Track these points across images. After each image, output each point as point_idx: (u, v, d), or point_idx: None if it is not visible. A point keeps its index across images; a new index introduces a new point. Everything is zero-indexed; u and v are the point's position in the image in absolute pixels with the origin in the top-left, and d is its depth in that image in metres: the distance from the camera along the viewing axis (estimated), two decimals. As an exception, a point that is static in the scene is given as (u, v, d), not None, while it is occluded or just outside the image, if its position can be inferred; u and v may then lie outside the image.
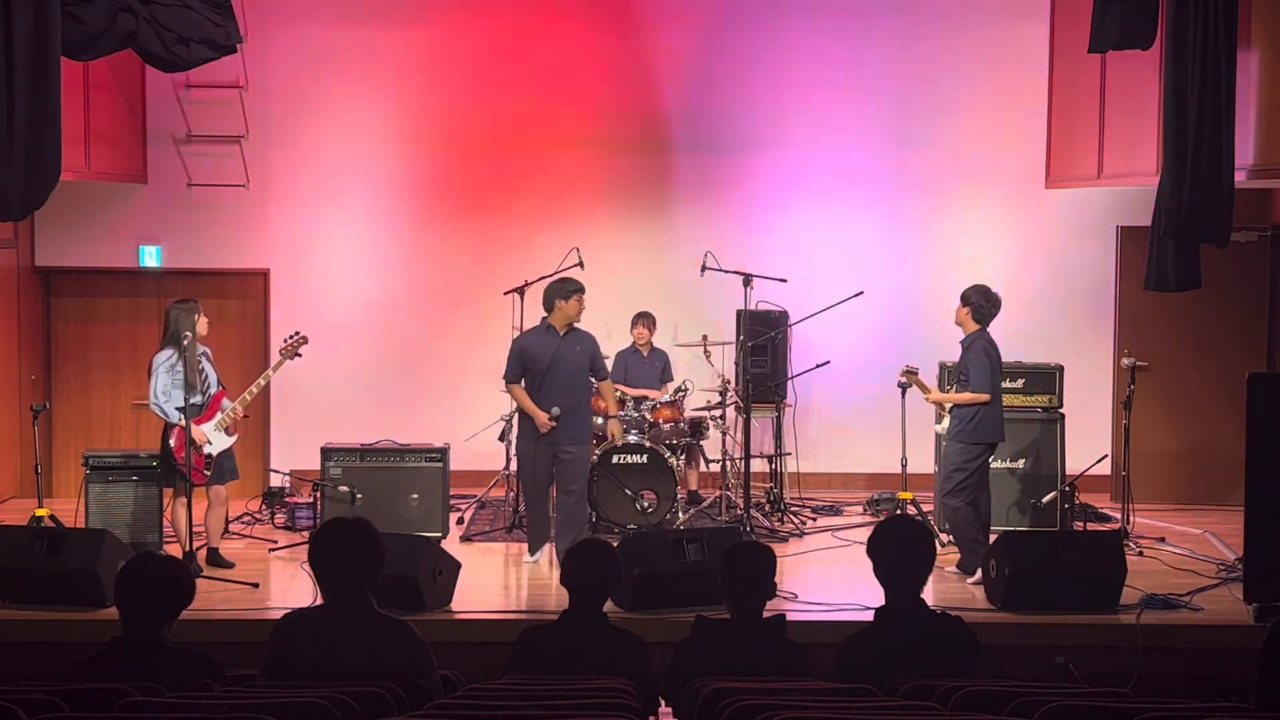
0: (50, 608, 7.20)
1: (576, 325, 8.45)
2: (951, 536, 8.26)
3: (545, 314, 8.44)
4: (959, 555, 8.14)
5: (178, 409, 8.04)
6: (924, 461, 9.24)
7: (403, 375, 10.95)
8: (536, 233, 10.71)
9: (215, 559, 8.25)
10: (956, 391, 8.21)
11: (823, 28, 10.94)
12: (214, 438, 8.23)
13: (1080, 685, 6.15)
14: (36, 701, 3.92)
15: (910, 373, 8.58)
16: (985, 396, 8.00)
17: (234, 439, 8.39)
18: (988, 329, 8.16)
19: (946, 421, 8.24)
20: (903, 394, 8.84)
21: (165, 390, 8.07)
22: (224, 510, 8.48)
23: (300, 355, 8.61)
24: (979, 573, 7.90)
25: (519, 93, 10.87)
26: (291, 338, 8.60)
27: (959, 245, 10.95)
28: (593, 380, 8.56)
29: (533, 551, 8.51)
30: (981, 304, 8.13)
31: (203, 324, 8.24)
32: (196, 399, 8.12)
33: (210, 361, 8.38)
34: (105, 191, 10.70)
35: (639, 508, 8.99)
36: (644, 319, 10.25)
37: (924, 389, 8.52)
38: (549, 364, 8.28)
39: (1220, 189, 8.37)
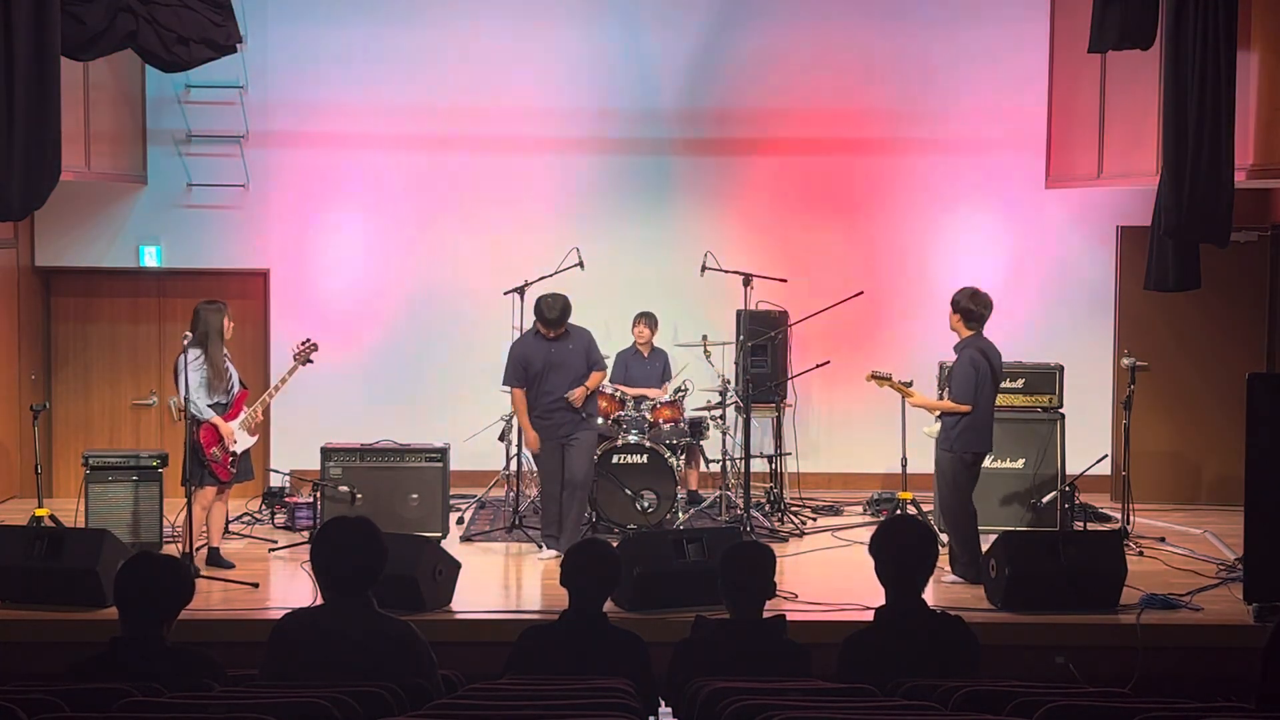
0: (50, 608, 7.20)
1: (570, 322, 8.55)
2: (951, 540, 8.23)
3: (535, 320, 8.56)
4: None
5: (208, 405, 8.14)
6: (924, 461, 9.21)
7: (403, 375, 10.95)
8: (536, 233, 10.71)
9: (215, 559, 8.26)
10: (948, 398, 8.12)
11: (823, 28, 10.93)
12: (238, 436, 8.27)
13: (1080, 685, 6.15)
14: (36, 701, 3.92)
15: (881, 378, 8.39)
16: (966, 407, 7.84)
17: (254, 439, 8.46)
18: (984, 333, 8.00)
19: (936, 425, 8.16)
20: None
21: (195, 388, 8.08)
22: (225, 509, 8.51)
23: (312, 361, 8.67)
24: (957, 578, 7.92)
25: (519, 92, 10.87)
26: (304, 344, 8.65)
27: (959, 245, 10.95)
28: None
29: (548, 545, 8.51)
30: (970, 307, 7.94)
31: (229, 327, 8.32)
32: (221, 398, 8.24)
33: (230, 362, 8.41)
34: (105, 191, 10.71)
35: (639, 508, 8.99)
36: (645, 319, 10.24)
37: (906, 393, 8.38)
38: (544, 366, 8.45)
39: (1220, 189, 8.37)
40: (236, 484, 8.47)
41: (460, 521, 9.58)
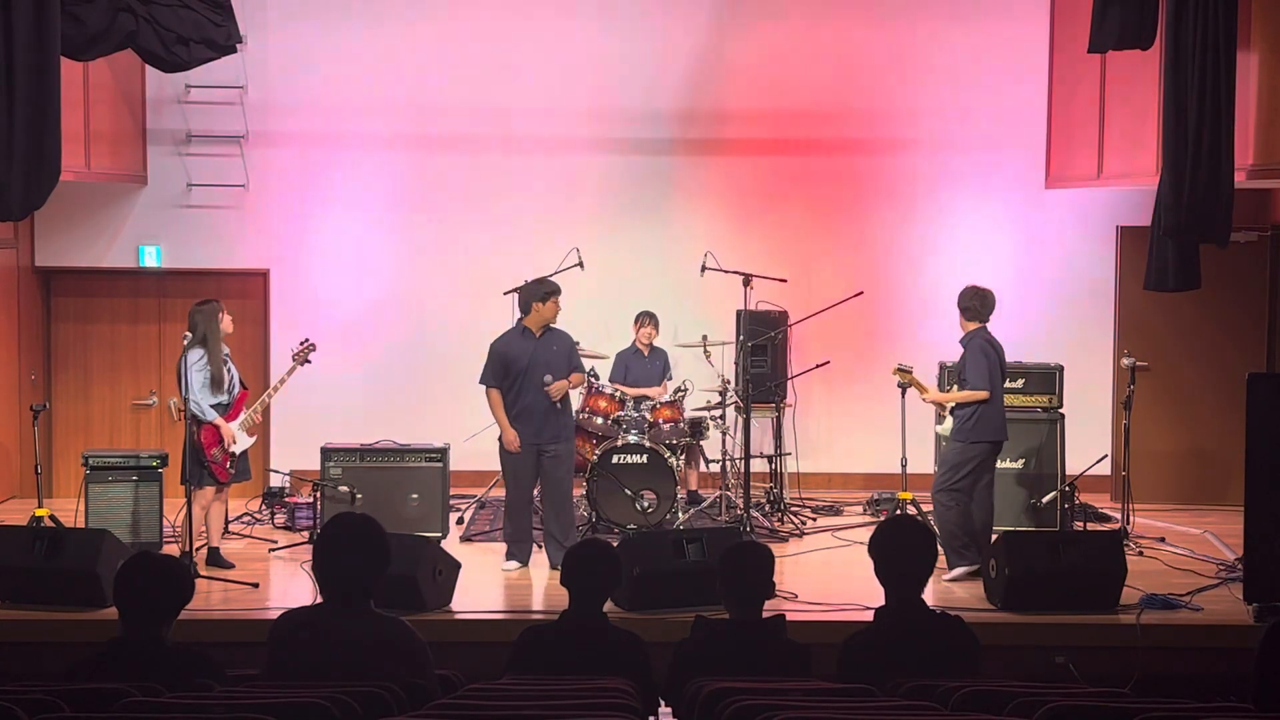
0: (50, 608, 7.20)
1: (552, 325, 8.43)
2: (940, 529, 8.24)
3: (521, 315, 8.42)
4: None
5: (211, 406, 8.16)
6: (924, 461, 9.24)
7: (403, 375, 10.95)
8: (536, 233, 10.70)
9: (215, 559, 8.26)
10: (957, 391, 8.20)
11: (823, 27, 10.94)
12: (238, 437, 8.28)
13: (1080, 685, 6.15)
14: (36, 701, 3.92)
15: (904, 371, 8.54)
16: (984, 394, 7.97)
17: (252, 440, 8.48)
18: (987, 326, 8.16)
19: (949, 422, 8.20)
20: (903, 394, 8.84)
21: (199, 389, 8.09)
22: (225, 509, 8.52)
23: (310, 361, 8.70)
24: (958, 570, 7.93)
25: (519, 92, 10.87)
26: (302, 344, 8.70)
27: (959, 245, 10.95)
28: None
29: (511, 557, 8.35)
30: (973, 304, 8.14)
31: (227, 322, 8.37)
32: (223, 398, 8.26)
33: (231, 362, 8.42)
34: (105, 191, 10.71)
35: (639, 508, 8.99)
36: (650, 319, 10.23)
37: (921, 389, 8.49)
38: (527, 365, 8.27)
39: (1220, 189, 8.37)
40: (234, 484, 8.47)
41: (460, 521, 9.58)
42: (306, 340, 8.76)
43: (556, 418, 8.34)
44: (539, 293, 8.37)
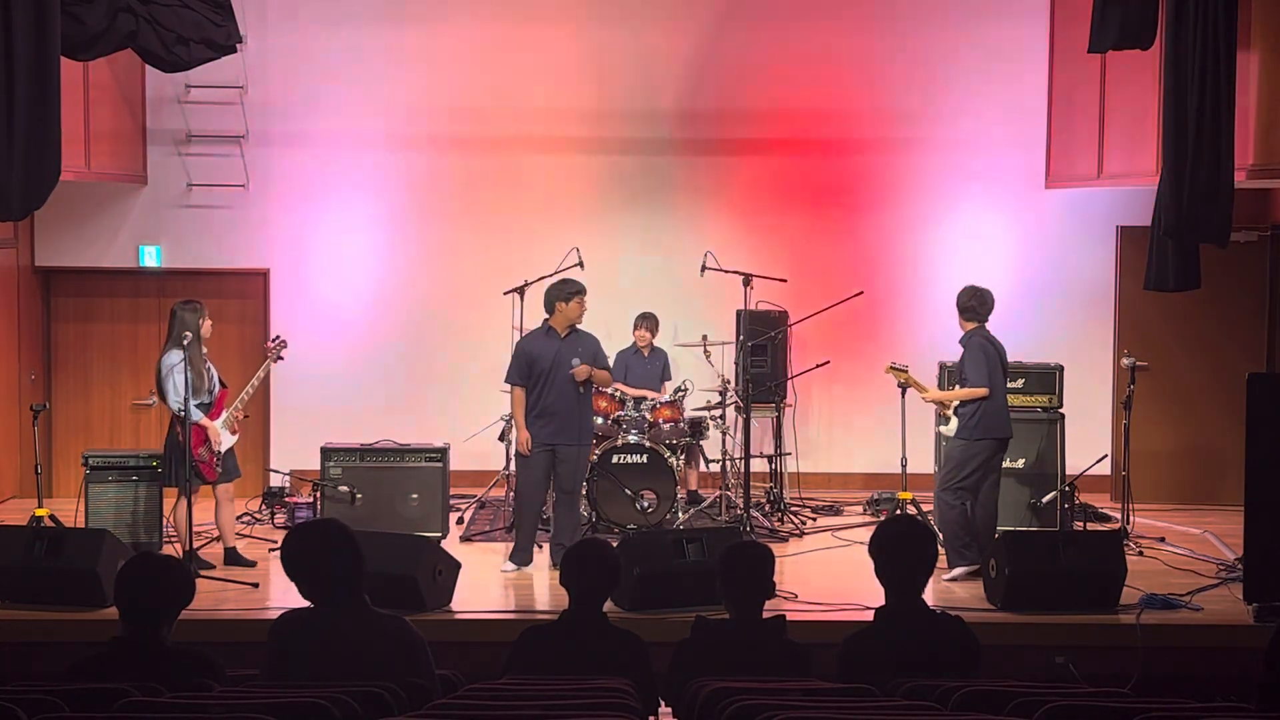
0: (50, 608, 7.20)
1: (578, 327, 8.44)
2: (940, 533, 8.24)
3: (546, 316, 8.41)
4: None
5: (196, 406, 8.13)
6: (924, 461, 9.24)
7: (403, 375, 10.95)
8: (536, 233, 10.70)
9: (234, 558, 8.27)
10: (959, 388, 8.19)
11: (823, 27, 10.93)
12: (222, 435, 8.28)
13: (1080, 685, 6.15)
14: (36, 701, 3.92)
15: (899, 370, 8.52)
16: (983, 391, 7.97)
17: (236, 438, 8.46)
18: (986, 325, 8.16)
19: (953, 423, 8.19)
20: (903, 394, 8.84)
21: (182, 389, 8.08)
22: (232, 508, 8.52)
23: (283, 359, 8.75)
24: (958, 570, 7.93)
25: (519, 93, 10.88)
26: (274, 341, 8.76)
27: (959, 245, 10.95)
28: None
29: (511, 558, 8.32)
30: (971, 304, 8.15)
31: (206, 326, 8.31)
32: (204, 398, 8.23)
33: (210, 361, 8.41)
34: (105, 191, 10.71)
35: (639, 508, 8.99)
36: (646, 320, 10.24)
37: (920, 388, 8.49)
38: (550, 366, 8.24)
39: (1220, 189, 8.37)
40: (224, 483, 8.41)
41: (460, 521, 9.58)
42: (278, 337, 8.83)
43: (576, 422, 8.29)
44: (563, 292, 8.34)
